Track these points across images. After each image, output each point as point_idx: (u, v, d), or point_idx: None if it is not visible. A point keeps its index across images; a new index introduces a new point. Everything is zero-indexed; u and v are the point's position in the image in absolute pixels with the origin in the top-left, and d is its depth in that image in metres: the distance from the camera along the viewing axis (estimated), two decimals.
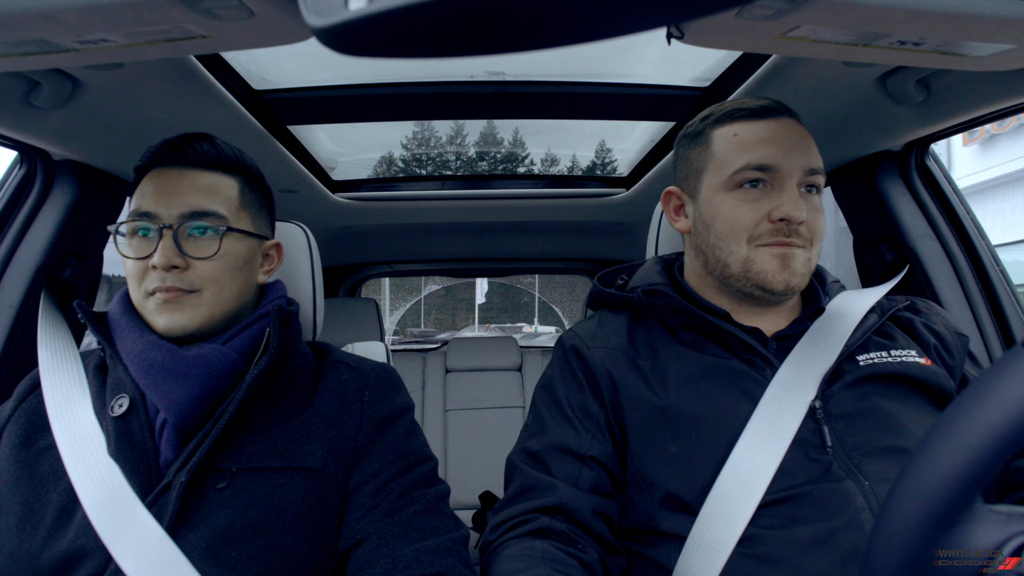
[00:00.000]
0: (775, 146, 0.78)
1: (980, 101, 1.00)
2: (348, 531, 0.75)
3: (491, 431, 2.43)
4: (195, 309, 0.76)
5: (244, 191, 0.84)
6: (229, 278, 0.79)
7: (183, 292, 0.76)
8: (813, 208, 0.79)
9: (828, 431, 0.73)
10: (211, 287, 0.77)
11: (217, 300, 0.78)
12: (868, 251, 1.37)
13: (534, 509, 0.77)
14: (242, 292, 0.82)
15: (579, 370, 0.85)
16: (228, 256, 0.79)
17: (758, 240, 0.79)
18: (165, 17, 0.58)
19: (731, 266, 0.81)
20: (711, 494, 0.71)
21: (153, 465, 0.71)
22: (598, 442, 0.80)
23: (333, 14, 0.28)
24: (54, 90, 0.92)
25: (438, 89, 1.33)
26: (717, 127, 0.83)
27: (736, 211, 0.79)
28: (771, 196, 0.78)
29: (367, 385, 0.84)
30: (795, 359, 0.78)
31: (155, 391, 0.72)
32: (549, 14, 0.27)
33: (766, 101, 0.82)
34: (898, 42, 0.66)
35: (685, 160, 0.88)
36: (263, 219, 0.88)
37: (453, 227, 2.32)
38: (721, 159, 0.81)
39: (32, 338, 0.87)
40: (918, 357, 0.81)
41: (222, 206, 0.80)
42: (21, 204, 1.16)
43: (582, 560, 0.73)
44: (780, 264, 0.78)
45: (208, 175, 0.81)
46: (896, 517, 0.39)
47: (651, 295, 0.85)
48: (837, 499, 0.68)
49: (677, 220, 0.90)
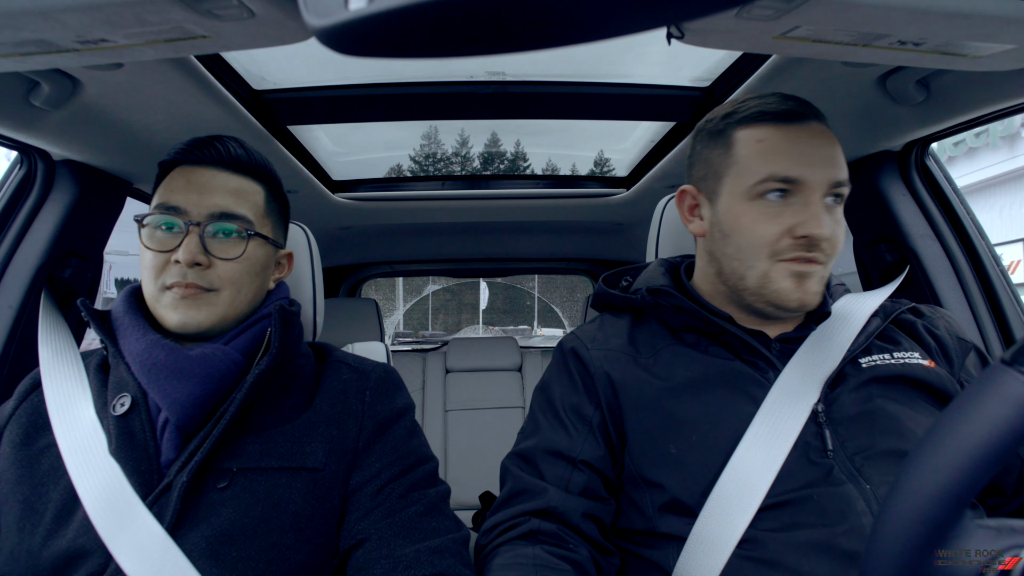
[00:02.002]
0: (802, 157, 0.75)
1: (980, 101, 1.00)
2: (349, 531, 0.75)
3: (491, 431, 2.43)
4: (211, 308, 0.77)
5: (268, 199, 0.85)
6: (247, 281, 0.80)
7: (202, 290, 0.76)
8: (835, 222, 0.77)
9: (830, 435, 0.73)
10: (229, 288, 0.78)
11: (233, 302, 0.79)
12: (868, 251, 1.37)
13: (524, 512, 0.77)
14: (255, 296, 0.83)
15: (576, 372, 0.85)
16: (250, 260, 0.80)
17: (779, 256, 0.76)
18: (165, 17, 0.58)
19: (747, 279, 0.78)
20: (712, 495, 0.71)
21: (154, 464, 0.71)
22: (590, 445, 0.80)
23: (333, 14, 0.28)
24: (54, 90, 0.92)
25: (438, 89, 1.33)
26: (740, 128, 0.79)
27: (757, 225, 0.76)
28: (794, 210, 0.75)
29: (368, 385, 0.84)
30: (798, 362, 0.77)
31: (158, 390, 0.72)
32: (549, 14, 0.27)
33: (794, 103, 0.78)
34: (898, 42, 0.66)
35: (704, 159, 0.84)
36: (281, 228, 0.89)
37: (454, 227, 2.32)
38: (744, 165, 0.78)
39: (32, 338, 0.87)
40: (921, 359, 0.80)
41: (249, 211, 0.81)
42: (21, 204, 1.16)
43: (573, 560, 0.73)
44: (796, 283, 0.76)
45: (238, 178, 0.82)
46: (889, 535, 0.39)
47: (655, 295, 0.84)
48: (838, 503, 0.68)
49: (691, 221, 0.87)
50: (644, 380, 0.80)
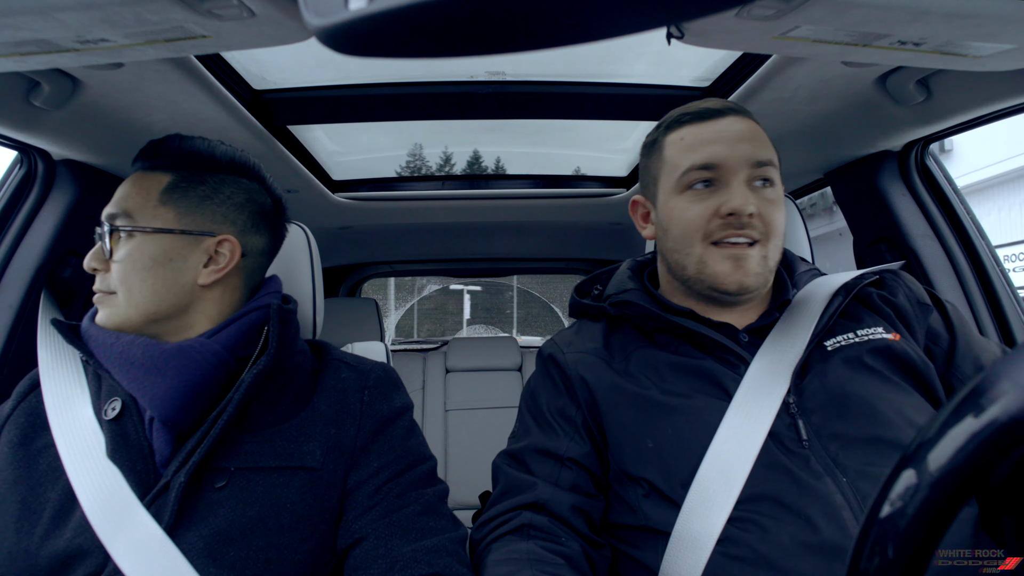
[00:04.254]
0: (719, 144, 0.80)
1: (980, 101, 1.00)
2: (346, 530, 0.75)
3: (491, 431, 2.43)
4: (112, 309, 0.77)
5: (175, 184, 0.79)
6: (137, 279, 0.76)
7: (104, 293, 0.78)
8: (766, 200, 0.79)
9: (803, 425, 0.74)
10: (121, 288, 0.76)
11: (131, 300, 0.76)
12: (868, 251, 1.37)
13: (516, 507, 0.79)
14: (159, 293, 0.76)
15: (556, 376, 0.88)
16: (134, 256, 0.76)
17: (711, 237, 0.80)
18: (165, 17, 0.58)
19: (688, 267, 0.82)
20: (692, 487, 0.72)
21: (150, 465, 0.71)
22: (576, 444, 0.82)
23: (333, 14, 0.28)
24: (54, 90, 0.92)
25: (438, 89, 1.33)
26: (668, 133, 0.86)
27: (687, 212, 0.81)
28: (719, 193, 0.80)
29: (366, 385, 0.84)
30: (766, 352, 0.79)
31: (137, 388, 0.72)
32: (549, 14, 0.27)
33: (711, 103, 0.83)
34: (898, 42, 0.66)
35: (645, 169, 0.91)
36: (205, 215, 0.79)
37: (453, 227, 2.32)
38: (671, 164, 0.84)
39: (32, 338, 0.87)
40: (885, 333, 0.80)
41: (133, 204, 0.77)
42: (21, 204, 1.16)
43: (565, 555, 0.74)
44: (733, 265, 0.79)
45: (144, 174, 0.80)
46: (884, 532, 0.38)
47: (620, 306, 0.88)
48: (817, 499, 0.68)
49: (644, 228, 0.93)
50: (617, 383, 0.82)
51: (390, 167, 1.97)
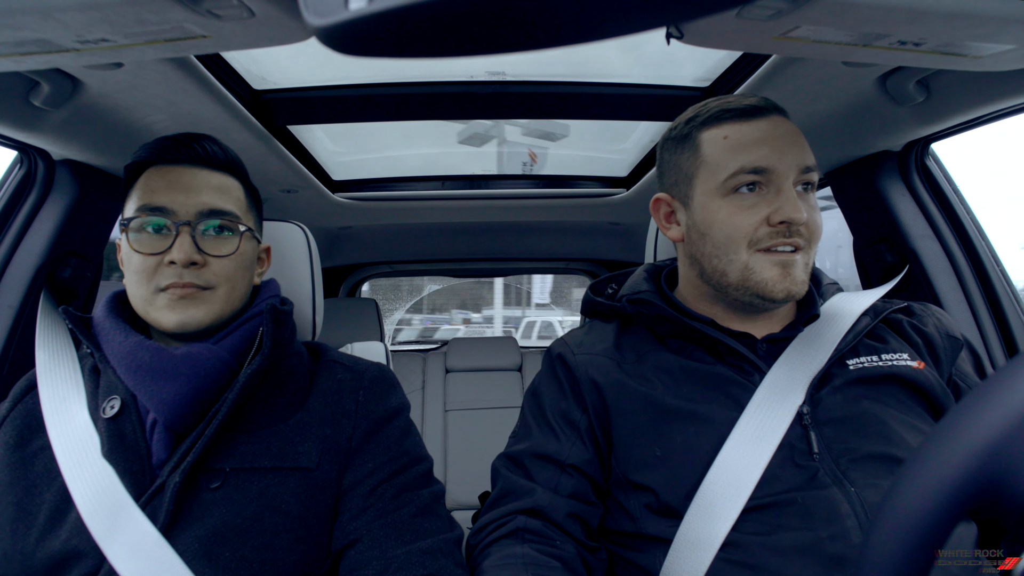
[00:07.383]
0: (768, 147, 0.76)
1: (980, 101, 1.00)
2: (341, 531, 0.75)
3: (491, 431, 2.43)
4: (209, 306, 0.77)
5: (247, 194, 0.86)
6: (241, 277, 0.81)
7: (199, 289, 0.76)
8: (811, 207, 0.78)
9: (815, 437, 0.73)
10: (225, 284, 0.78)
11: (229, 298, 0.79)
12: (868, 251, 1.37)
13: (513, 512, 0.78)
14: (247, 291, 0.83)
15: (563, 377, 0.86)
16: (243, 255, 0.81)
17: (758, 245, 0.77)
18: (165, 17, 0.58)
19: (729, 275, 0.79)
20: (698, 494, 0.71)
21: (146, 465, 0.71)
22: (578, 450, 0.81)
23: (333, 14, 0.28)
24: (54, 90, 0.92)
25: (438, 89, 1.33)
26: (705, 129, 0.81)
27: (734, 218, 0.77)
28: (768, 199, 0.76)
29: (362, 385, 0.84)
30: (784, 362, 0.77)
31: (144, 391, 0.72)
32: (549, 14, 0.27)
33: (754, 99, 0.79)
34: (898, 42, 0.66)
35: (673, 165, 0.85)
36: (259, 223, 0.89)
37: (453, 227, 2.32)
38: (713, 163, 0.79)
39: (32, 338, 0.87)
40: (910, 360, 0.79)
41: (235, 206, 0.81)
42: (21, 204, 1.16)
43: (561, 557, 0.74)
44: (781, 272, 0.76)
45: (218, 175, 0.82)
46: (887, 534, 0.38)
47: (636, 304, 0.86)
48: (823, 507, 0.68)
49: (669, 228, 0.88)
50: (628, 385, 0.80)
51: (390, 167, 1.97)
